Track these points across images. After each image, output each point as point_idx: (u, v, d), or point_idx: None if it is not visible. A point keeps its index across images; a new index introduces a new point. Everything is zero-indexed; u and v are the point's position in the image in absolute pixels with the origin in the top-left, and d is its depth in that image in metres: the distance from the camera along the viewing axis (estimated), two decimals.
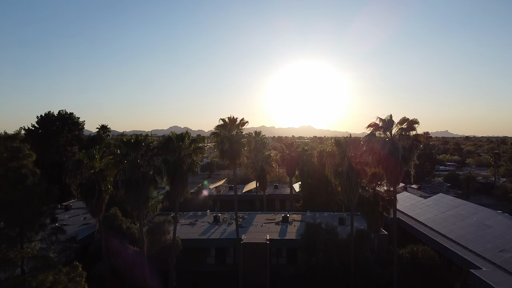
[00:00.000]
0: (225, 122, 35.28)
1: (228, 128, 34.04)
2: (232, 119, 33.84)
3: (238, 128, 34.46)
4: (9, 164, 18.72)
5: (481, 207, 48.63)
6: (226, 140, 33.00)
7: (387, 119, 27.61)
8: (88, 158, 28.06)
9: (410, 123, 27.38)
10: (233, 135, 33.61)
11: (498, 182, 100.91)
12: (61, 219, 48.50)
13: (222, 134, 33.79)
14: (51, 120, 65.54)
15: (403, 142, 26.90)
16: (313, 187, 55.00)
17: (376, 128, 27.90)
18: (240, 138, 33.83)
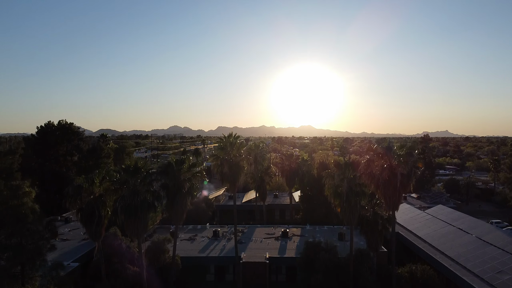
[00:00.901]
0: (223, 139, 35.39)
1: (227, 151, 34.12)
2: (232, 141, 33.90)
3: (238, 150, 34.55)
4: (10, 203, 18.76)
5: (480, 221, 48.81)
6: (225, 163, 33.09)
7: (386, 145, 27.70)
8: (88, 183, 28.15)
9: (409, 149, 27.48)
10: (232, 158, 33.66)
11: (498, 188, 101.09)
12: (61, 233, 48.61)
13: (221, 156, 33.88)
14: (51, 130, 65.60)
15: (401, 168, 27.01)
16: (313, 199, 55.03)
17: (375, 154, 27.99)
18: (240, 161, 33.92)
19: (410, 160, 27.15)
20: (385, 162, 27.88)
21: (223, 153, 33.96)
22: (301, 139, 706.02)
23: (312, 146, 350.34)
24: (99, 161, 65.40)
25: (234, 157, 33.66)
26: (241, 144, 34.66)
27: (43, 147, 64.05)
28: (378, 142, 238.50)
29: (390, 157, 27.46)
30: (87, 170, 64.91)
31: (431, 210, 57.05)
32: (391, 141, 28.19)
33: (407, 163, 27.00)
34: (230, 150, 34.00)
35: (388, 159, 27.65)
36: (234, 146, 34.14)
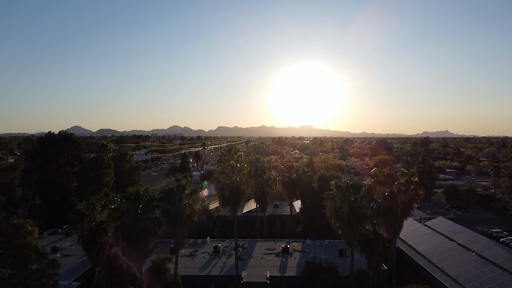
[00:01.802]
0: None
1: (228, 175, 34.20)
2: (234, 165, 34.01)
3: (239, 174, 34.65)
4: (13, 243, 18.81)
5: (480, 235, 48.89)
6: (226, 187, 33.19)
7: (387, 172, 27.77)
8: (89, 209, 28.22)
9: (409, 176, 27.54)
10: (233, 182, 33.76)
11: (498, 195, 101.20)
12: (62, 248, 48.56)
13: (222, 180, 33.97)
14: (51, 141, 65.66)
15: (402, 196, 27.08)
16: (313, 212, 55.07)
17: (377, 180, 28.06)
18: (241, 185, 34.01)
19: (411, 188, 27.22)
20: (386, 189, 27.97)
21: (224, 177, 34.06)
22: (301, 139, 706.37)
23: (312, 148, 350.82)
24: (100, 171, 65.50)
25: (235, 181, 33.75)
26: (241, 169, 34.73)
27: (43, 158, 64.13)
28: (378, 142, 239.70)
29: (391, 184, 27.52)
30: (88, 181, 65.25)
31: (432, 222, 57.14)
32: (392, 168, 28.18)
33: (408, 191, 27.10)
34: (231, 174, 34.09)
35: (389, 186, 27.72)
36: (235, 170, 34.21)
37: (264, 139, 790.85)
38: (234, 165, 34.50)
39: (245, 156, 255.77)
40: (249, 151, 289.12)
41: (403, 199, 27.02)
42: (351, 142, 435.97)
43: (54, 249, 46.58)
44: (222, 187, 33.46)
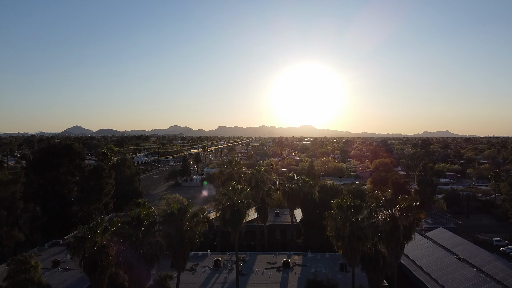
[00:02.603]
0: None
1: (229, 196, 34.24)
2: (235, 186, 34.05)
3: (240, 196, 34.68)
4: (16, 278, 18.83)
5: (480, 249, 48.92)
6: (227, 209, 33.22)
7: (388, 196, 27.82)
8: (90, 232, 28.20)
9: (410, 201, 27.60)
10: (235, 204, 33.79)
11: (498, 200, 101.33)
12: (64, 261, 48.48)
13: (223, 202, 34.00)
14: (52, 150, 65.70)
15: (404, 221, 27.14)
16: (314, 223, 55.02)
17: (378, 204, 28.11)
18: (242, 207, 34.03)
19: (412, 212, 27.27)
20: (387, 214, 28.02)
21: (225, 199, 34.09)
22: (302, 139, 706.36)
23: (313, 149, 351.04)
24: (101, 181, 65.61)
25: (236, 203, 33.78)
26: (242, 190, 34.73)
27: (44, 167, 64.14)
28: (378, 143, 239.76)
29: (392, 208, 27.57)
30: (89, 190, 65.33)
31: (432, 233, 57.23)
32: (392, 196, 28.19)
33: (409, 216, 27.15)
34: (232, 196, 34.12)
35: (390, 210, 27.77)
36: (236, 192, 34.23)
37: (265, 140, 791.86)
38: (235, 186, 34.54)
39: (245, 158, 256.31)
40: (250, 153, 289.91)
41: (405, 224, 27.08)
42: (351, 143, 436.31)
43: (55, 263, 46.62)
44: (223, 209, 33.50)
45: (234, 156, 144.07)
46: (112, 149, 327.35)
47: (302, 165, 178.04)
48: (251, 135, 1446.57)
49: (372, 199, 28.99)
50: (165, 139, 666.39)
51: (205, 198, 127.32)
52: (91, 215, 66.43)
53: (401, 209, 27.94)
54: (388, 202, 28.05)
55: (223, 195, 34.37)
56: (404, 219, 27.14)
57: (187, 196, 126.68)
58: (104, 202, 67.20)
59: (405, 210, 27.70)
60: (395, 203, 28.47)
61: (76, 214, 64.93)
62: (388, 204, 27.99)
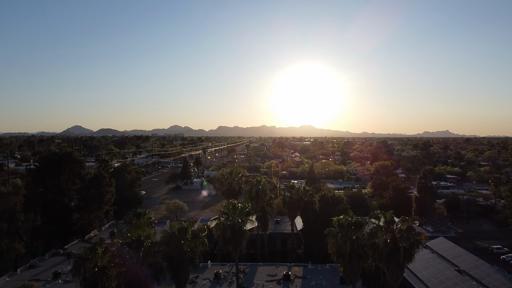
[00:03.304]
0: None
1: (230, 216, 34.22)
2: (235, 205, 34.02)
3: (240, 215, 34.66)
4: None
5: (480, 260, 48.95)
6: (228, 228, 33.21)
7: (389, 218, 27.83)
8: (90, 253, 28.19)
9: (411, 222, 27.60)
10: (235, 223, 33.77)
11: (499, 206, 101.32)
12: (64, 272, 48.41)
13: (224, 222, 33.97)
14: (53, 158, 65.70)
15: (404, 242, 27.16)
16: (314, 234, 55.01)
17: (378, 226, 28.12)
18: (242, 226, 34.02)
19: (412, 234, 27.29)
20: (388, 236, 28.01)
21: (225, 218, 34.07)
22: (302, 140, 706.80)
23: (313, 150, 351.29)
24: (101, 189, 65.66)
25: (236, 223, 33.77)
26: (242, 209, 34.72)
27: (45, 176, 64.15)
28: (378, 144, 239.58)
29: (392, 229, 27.58)
30: (90, 199, 65.37)
31: (433, 243, 57.24)
32: (393, 218, 28.19)
33: (409, 237, 27.17)
34: (233, 215, 34.10)
35: (390, 231, 27.77)
36: (237, 210, 34.22)
37: (265, 140, 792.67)
38: (236, 204, 34.52)
39: (245, 160, 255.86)
40: (250, 154, 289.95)
41: (405, 246, 27.11)
42: (351, 144, 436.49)
43: (56, 275, 46.63)
44: (224, 228, 33.50)
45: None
46: (113, 150, 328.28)
47: (303, 168, 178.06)
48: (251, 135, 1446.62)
49: (372, 217, 28.94)
50: (166, 140, 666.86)
51: (205, 200, 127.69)
52: (92, 223, 66.50)
53: (401, 231, 27.96)
54: (388, 224, 28.07)
55: (223, 214, 34.33)
56: (405, 241, 27.18)
57: (187, 199, 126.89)
58: (104, 210, 67.25)
59: (405, 232, 27.74)
60: (395, 225, 28.47)
61: (76, 223, 64.96)
62: (388, 225, 28.00)
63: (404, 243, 27.14)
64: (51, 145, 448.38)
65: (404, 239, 27.26)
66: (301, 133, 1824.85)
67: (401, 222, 28.27)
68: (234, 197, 54.72)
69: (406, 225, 27.91)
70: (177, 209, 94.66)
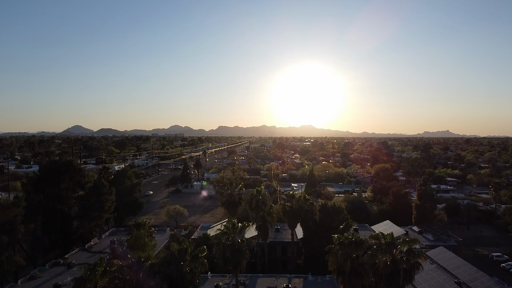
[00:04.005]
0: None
1: (230, 236, 34.19)
2: (235, 224, 34.02)
3: (240, 234, 34.66)
4: None
5: (480, 272, 49.08)
6: (228, 248, 33.19)
7: (389, 240, 27.83)
8: (90, 274, 28.21)
9: (411, 244, 27.61)
10: (235, 242, 33.75)
11: (499, 211, 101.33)
12: (64, 284, 48.29)
13: (224, 242, 33.95)
14: (53, 167, 65.74)
15: (404, 264, 27.16)
16: (314, 244, 55.10)
17: (378, 245, 28.11)
18: (242, 247, 34.00)
19: (412, 255, 27.29)
20: (387, 258, 28.01)
21: (225, 238, 34.05)
22: (302, 140, 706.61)
23: (313, 151, 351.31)
24: (101, 198, 65.66)
25: (237, 242, 33.75)
26: (242, 228, 34.70)
27: (45, 185, 64.17)
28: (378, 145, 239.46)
29: (392, 251, 27.58)
30: (90, 207, 65.35)
31: (433, 253, 57.33)
32: (395, 240, 28.21)
33: (409, 259, 27.17)
34: (233, 235, 34.08)
35: (390, 253, 27.77)
36: (236, 230, 34.21)
37: (265, 140, 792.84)
38: (236, 224, 34.50)
39: (246, 161, 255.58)
40: (250, 156, 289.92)
41: (405, 268, 27.12)
42: (351, 145, 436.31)
43: (56, 287, 46.62)
44: (223, 248, 33.47)
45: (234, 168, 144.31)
46: (113, 152, 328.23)
47: (303, 171, 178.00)
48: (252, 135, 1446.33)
49: (373, 239, 28.97)
50: (166, 140, 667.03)
51: (205, 203, 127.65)
52: (92, 232, 66.52)
53: (402, 252, 27.98)
54: (388, 246, 28.07)
55: (223, 234, 34.31)
56: (405, 263, 27.20)
57: (188, 203, 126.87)
58: (104, 218, 67.30)
59: (405, 254, 27.75)
60: (395, 246, 28.48)
61: (76, 231, 64.99)
62: (388, 247, 28.01)
63: (405, 265, 27.17)
64: (51, 145, 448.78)
65: (404, 261, 27.29)
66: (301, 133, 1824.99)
67: (402, 244, 28.29)
68: (234, 208, 54.78)
69: (407, 247, 27.93)
70: (177, 214, 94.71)
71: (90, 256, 59.89)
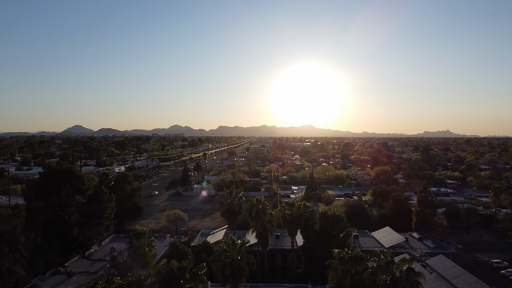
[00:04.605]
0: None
1: (229, 252, 34.23)
2: (235, 241, 34.07)
3: (240, 252, 34.69)
4: None
5: (479, 281, 49.11)
6: (227, 266, 33.24)
7: (389, 258, 27.91)
8: None
9: (410, 262, 27.69)
10: (235, 260, 33.79)
11: (499, 215, 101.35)
12: None
13: (223, 259, 33.99)
14: (53, 174, 65.70)
15: (404, 282, 27.25)
16: (315, 253, 55.10)
17: (378, 266, 28.22)
18: (241, 264, 34.03)
19: (411, 275, 27.37)
20: (387, 277, 28.08)
21: (224, 255, 34.08)
22: (302, 140, 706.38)
23: (313, 152, 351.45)
24: (102, 205, 65.68)
25: (236, 260, 33.79)
26: (242, 245, 34.74)
27: (45, 192, 64.13)
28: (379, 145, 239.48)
29: (392, 270, 27.67)
30: (90, 215, 65.39)
31: (433, 261, 57.33)
32: (394, 258, 28.24)
33: (409, 278, 27.26)
34: (232, 252, 34.12)
35: (390, 272, 27.85)
36: (236, 247, 34.25)
37: (265, 140, 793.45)
38: (235, 241, 34.54)
39: (246, 163, 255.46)
40: (250, 157, 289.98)
41: (405, 286, 27.20)
42: (351, 146, 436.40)
43: None
44: (223, 266, 33.49)
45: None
46: (113, 153, 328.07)
47: (303, 173, 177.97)
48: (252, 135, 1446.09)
49: (373, 256, 29.04)
50: (166, 140, 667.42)
51: (205, 207, 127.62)
52: (92, 239, 66.55)
53: (402, 272, 28.05)
54: (388, 265, 28.13)
55: (223, 251, 34.35)
56: (405, 281, 27.27)
57: (188, 207, 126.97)
58: (105, 226, 67.35)
59: (405, 273, 27.82)
60: (395, 266, 28.55)
61: (77, 239, 65.02)
62: (388, 266, 28.07)
63: (404, 283, 27.25)
64: (52, 146, 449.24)
65: (404, 280, 27.37)
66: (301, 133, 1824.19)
67: (401, 262, 28.37)
68: (234, 217, 54.83)
69: (406, 266, 28.01)
70: (177, 219, 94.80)
71: (90, 264, 60.00)
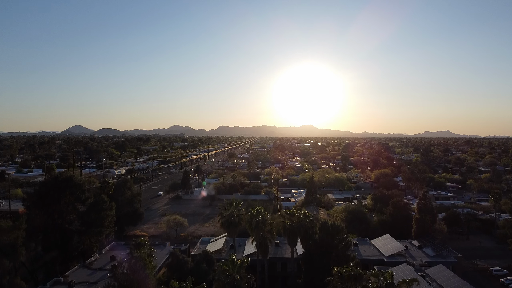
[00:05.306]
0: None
1: (229, 272, 34.35)
2: (235, 261, 34.20)
3: (239, 271, 34.79)
4: None
5: None
6: (227, 286, 33.34)
7: (389, 280, 28.04)
8: None
9: (410, 284, 27.82)
10: (235, 280, 33.91)
11: (499, 220, 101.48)
12: None
13: (223, 278, 34.10)
14: (53, 184, 65.80)
15: None
16: (314, 263, 55.22)
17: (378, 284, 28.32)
18: (242, 284, 34.14)
19: None
20: None
21: (224, 275, 34.20)
22: (302, 140, 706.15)
23: (314, 152, 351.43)
24: (102, 213, 65.80)
25: (236, 280, 33.90)
26: (242, 264, 34.84)
27: (45, 201, 64.21)
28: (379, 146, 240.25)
29: None
30: (90, 223, 65.51)
31: (432, 271, 57.46)
32: (392, 281, 28.40)
33: None
34: (233, 272, 34.23)
35: None
36: (236, 266, 34.37)
37: (265, 140, 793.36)
38: (235, 260, 34.65)
39: (246, 165, 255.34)
40: (250, 158, 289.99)
41: None
42: (352, 147, 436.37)
43: None
44: (223, 286, 33.56)
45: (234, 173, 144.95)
46: (113, 154, 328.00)
47: (303, 176, 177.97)
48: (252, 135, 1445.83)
49: (373, 276, 29.14)
50: (166, 141, 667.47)
51: (205, 211, 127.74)
52: (92, 248, 66.66)
53: None
54: (388, 286, 28.27)
55: (222, 271, 34.45)
56: None
57: (188, 211, 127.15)
58: (105, 234, 67.45)
59: None
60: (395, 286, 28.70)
61: (77, 248, 65.14)
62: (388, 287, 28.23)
63: None
64: (52, 147, 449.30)
65: None
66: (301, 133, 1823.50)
67: (401, 284, 28.51)
68: (234, 229, 54.93)
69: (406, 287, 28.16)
70: (177, 225, 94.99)
71: (90, 274, 60.05)
